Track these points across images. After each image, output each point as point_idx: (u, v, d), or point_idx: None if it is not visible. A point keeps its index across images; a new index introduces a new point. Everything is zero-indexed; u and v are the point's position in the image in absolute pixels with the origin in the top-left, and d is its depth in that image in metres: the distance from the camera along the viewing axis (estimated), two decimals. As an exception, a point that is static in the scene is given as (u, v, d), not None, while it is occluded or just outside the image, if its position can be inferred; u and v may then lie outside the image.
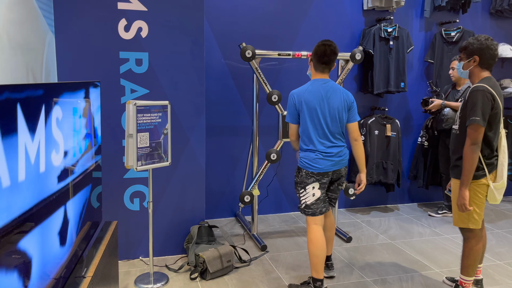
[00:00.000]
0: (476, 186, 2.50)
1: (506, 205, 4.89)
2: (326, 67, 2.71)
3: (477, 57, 2.49)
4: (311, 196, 2.67)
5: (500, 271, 3.17)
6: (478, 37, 2.50)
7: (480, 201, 2.53)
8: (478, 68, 2.52)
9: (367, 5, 4.32)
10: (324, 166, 2.64)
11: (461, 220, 2.57)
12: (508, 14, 4.74)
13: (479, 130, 2.38)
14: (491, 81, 2.46)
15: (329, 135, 2.66)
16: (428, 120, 4.60)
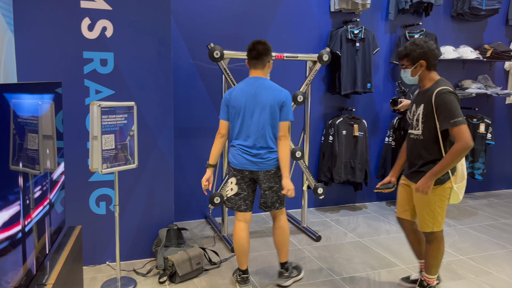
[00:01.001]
0: (442, 191, 2.50)
1: (468, 202, 5.08)
2: (258, 63, 2.71)
3: (424, 62, 2.45)
4: (230, 190, 2.75)
5: (463, 265, 3.29)
6: (416, 41, 2.46)
7: (444, 205, 2.55)
8: (427, 72, 2.49)
9: (334, 7, 4.39)
10: (238, 162, 2.69)
11: (426, 225, 2.56)
12: (468, 17, 4.92)
13: (465, 129, 2.33)
14: (446, 82, 2.47)
15: (252, 134, 2.65)
16: (394, 120, 4.72)
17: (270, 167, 2.70)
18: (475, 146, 4.98)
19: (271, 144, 2.68)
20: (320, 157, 4.65)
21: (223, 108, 2.76)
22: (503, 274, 3.14)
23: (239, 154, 2.69)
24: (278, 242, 2.85)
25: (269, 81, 2.73)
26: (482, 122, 4.97)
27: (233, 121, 2.72)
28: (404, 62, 2.51)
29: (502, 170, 5.61)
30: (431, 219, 2.54)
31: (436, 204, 2.52)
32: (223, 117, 2.77)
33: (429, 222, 2.55)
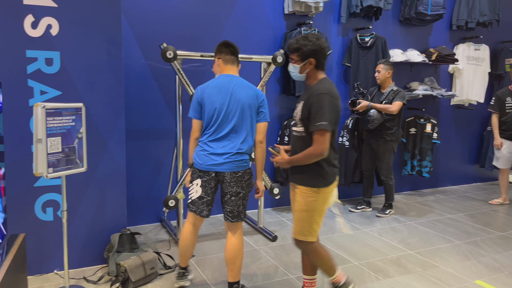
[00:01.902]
0: (323, 195, 2.34)
1: (417, 198, 5.30)
2: (235, 60, 2.66)
3: (313, 60, 2.31)
4: (195, 192, 2.59)
5: (412, 260, 3.42)
6: (308, 37, 2.31)
7: (323, 212, 2.40)
8: (314, 70, 2.35)
9: (288, 9, 4.44)
10: (203, 162, 2.54)
11: (301, 232, 2.39)
12: (415, 21, 5.15)
13: (327, 136, 2.21)
14: (329, 82, 2.33)
15: (223, 132, 2.52)
16: (348, 121, 4.85)
17: (238, 169, 2.55)
18: (422, 145, 5.22)
19: (244, 146, 2.55)
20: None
21: (195, 106, 2.58)
22: (448, 267, 3.30)
23: (205, 155, 2.54)
24: (232, 258, 2.60)
25: (244, 79, 2.63)
26: (428, 122, 5.21)
27: (205, 120, 2.56)
28: (294, 56, 2.34)
29: (447, 167, 5.91)
30: (308, 225, 2.37)
31: (318, 207, 2.35)
32: (195, 116, 2.59)
33: (305, 229, 2.38)
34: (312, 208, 2.35)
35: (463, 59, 5.54)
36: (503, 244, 3.79)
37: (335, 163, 2.39)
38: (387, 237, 3.91)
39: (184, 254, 2.76)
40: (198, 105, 2.58)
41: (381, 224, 4.29)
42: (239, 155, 2.54)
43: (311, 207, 2.35)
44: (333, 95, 2.26)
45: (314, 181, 2.32)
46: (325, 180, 2.33)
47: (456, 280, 3.08)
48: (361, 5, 4.62)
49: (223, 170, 2.53)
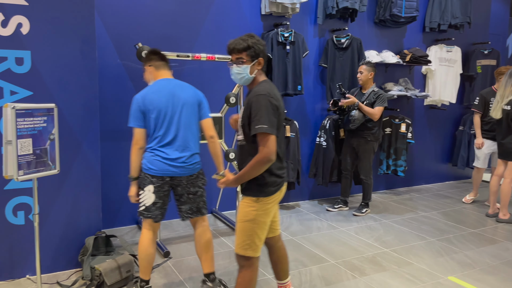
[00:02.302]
0: (264, 206, 2.18)
1: (392, 197, 5.40)
2: (166, 64, 2.70)
3: (262, 60, 2.20)
4: (148, 199, 2.57)
5: (387, 257, 3.48)
6: (254, 36, 2.21)
7: (265, 224, 2.22)
8: (260, 72, 2.23)
9: (264, 10, 4.46)
10: (159, 169, 2.53)
11: (242, 245, 2.21)
12: (389, 23, 5.24)
13: (271, 139, 2.04)
14: (270, 84, 2.20)
15: (178, 136, 2.55)
16: (325, 121, 4.90)
17: (193, 171, 2.63)
18: (397, 145, 5.32)
19: (195, 147, 2.62)
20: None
21: (136, 115, 2.53)
22: (422, 264, 3.37)
23: (158, 160, 2.52)
24: (204, 247, 2.70)
25: (180, 81, 2.68)
26: (403, 122, 5.31)
27: (151, 126, 2.55)
28: (243, 56, 2.17)
29: (422, 166, 6.05)
30: (248, 238, 2.20)
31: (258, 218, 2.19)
32: (139, 124, 2.53)
33: (245, 242, 2.21)
34: (251, 218, 2.17)
35: (436, 60, 5.67)
36: (474, 241, 3.90)
37: (278, 172, 2.19)
38: (363, 236, 3.97)
39: (149, 264, 2.64)
40: (141, 113, 2.54)
41: (358, 222, 4.35)
42: (193, 157, 2.62)
43: (251, 217, 2.17)
44: (273, 96, 2.11)
45: (253, 190, 2.16)
46: (265, 189, 2.16)
47: (429, 276, 3.15)
48: (337, 7, 4.68)
49: (181, 174, 2.58)
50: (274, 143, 2.05)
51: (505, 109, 4.26)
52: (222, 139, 3.74)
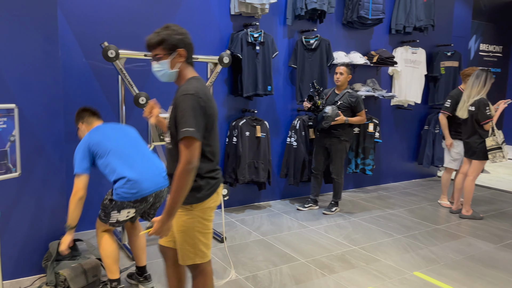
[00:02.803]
0: (200, 212, 2.02)
1: (360, 195, 5.51)
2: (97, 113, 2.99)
3: (182, 50, 1.97)
4: (125, 218, 2.69)
5: (356, 255, 3.55)
6: (169, 26, 1.99)
7: (207, 229, 2.07)
8: (185, 65, 2.01)
9: (234, 10, 4.45)
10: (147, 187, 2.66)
11: (187, 256, 2.08)
12: (357, 25, 5.34)
13: (195, 145, 1.86)
14: (200, 82, 2.00)
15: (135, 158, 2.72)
16: (295, 121, 4.94)
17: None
18: (365, 144, 5.43)
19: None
20: (225, 158, 4.68)
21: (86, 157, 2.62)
22: (389, 260, 3.46)
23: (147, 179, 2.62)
24: (143, 244, 2.91)
25: None
26: (371, 122, 5.43)
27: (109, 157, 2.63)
28: (158, 51, 1.98)
29: (389, 165, 6.19)
30: (192, 248, 2.05)
31: (194, 229, 2.02)
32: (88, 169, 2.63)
33: (189, 253, 2.06)
34: (190, 227, 2.02)
35: (402, 61, 5.83)
36: (438, 237, 4.03)
37: (211, 175, 2.03)
38: (332, 234, 4.03)
39: (114, 262, 2.68)
40: (90, 154, 2.63)
41: (327, 221, 4.41)
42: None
43: (189, 226, 2.02)
44: (202, 96, 1.91)
45: (187, 197, 1.95)
46: (198, 195, 1.99)
47: (396, 272, 3.23)
48: (305, 8, 4.73)
49: (163, 187, 2.73)
50: (197, 149, 1.87)
51: (470, 110, 4.41)
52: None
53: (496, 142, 4.32)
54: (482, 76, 4.38)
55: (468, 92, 4.46)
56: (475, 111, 4.36)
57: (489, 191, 5.88)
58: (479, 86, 4.38)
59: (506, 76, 10.68)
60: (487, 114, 4.29)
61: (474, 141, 4.43)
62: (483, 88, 4.37)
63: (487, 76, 4.37)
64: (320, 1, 4.75)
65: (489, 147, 4.34)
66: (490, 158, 4.36)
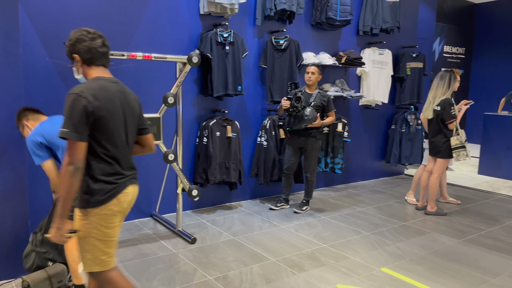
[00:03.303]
0: (98, 218, 1.96)
1: (330, 194, 5.59)
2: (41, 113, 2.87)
3: (77, 56, 2.02)
4: None
5: (325, 253, 3.60)
6: (71, 34, 2.04)
7: (107, 237, 2.00)
8: (86, 67, 2.05)
9: (203, 10, 4.42)
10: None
11: (85, 263, 2.01)
12: (326, 26, 5.42)
13: (75, 146, 1.85)
14: (96, 82, 1.98)
15: None
16: (266, 121, 4.96)
17: None
18: (334, 143, 5.51)
19: None
20: (195, 158, 4.64)
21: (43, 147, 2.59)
22: (357, 257, 3.52)
23: None
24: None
25: None
26: (339, 122, 5.52)
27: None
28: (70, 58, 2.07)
29: (358, 164, 6.32)
30: (91, 256, 1.99)
31: (93, 235, 1.97)
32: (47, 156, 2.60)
33: (87, 259, 2.00)
34: (86, 232, 1.96)
35: (369, 62, 5.95)
36: (405, 233, 4.14)
37: (107, 179, 1.97)
38: (303, 233, 4.07)
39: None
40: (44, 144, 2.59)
41: (298, 220, 4.45)
42: None
43: (85, 231, 1.96)
44: (88, 96, 1.88)
45: (80, 200, 1.96)
46: (91, 199, 1.94)
47: (364, 269, 3.29)
48: (275, 9, 4.76)
49: None
50: (78, 150, 1.85)
51: (436, 110, 4.54)
52: (161, 140, 3.66)
53: (460, 141, 4.48)
54: (446, 77, 4.53)
55: (434, 93, 4.61)
56: (440, 111, 4.50)
57: (453, 188, 6.09)
58: (444, 87, 4.53)
59: (469, 77, 11.11)
60: (452, 114, 4.44)
61: (439, 140, 4.57)
62: (448, 88, 4.52)
63: (451, 77, 4.52)
64: (289, 2, 4.79)
65: (453, 146, 4.49)
66: (454, 157, 4.51)
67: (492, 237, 4.08)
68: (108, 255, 2.02)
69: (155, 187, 4.39)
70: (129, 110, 2.09)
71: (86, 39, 2.00)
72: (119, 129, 2.01)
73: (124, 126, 2.05)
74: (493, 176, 6.80)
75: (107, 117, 1.94)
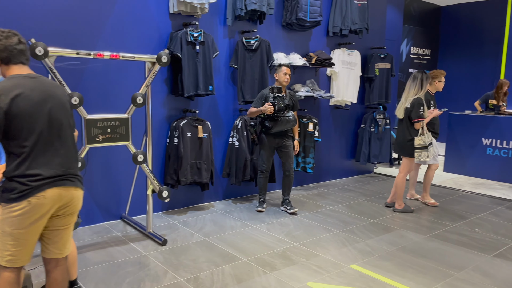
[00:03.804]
0: (10, 216, 1.97)
1: (302, 193, 5.65)
2: None
3: None
4: None
5: (296, 251, 3.63)
6: None
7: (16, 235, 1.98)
8: (6, 67, 2.05)
9: (173, 9, 4.38)
10: None
11: None
12: (296, 27, 5.47)
13: None
14: (11, 80, 1.99)
15: None
16: (237, 121, 4.96)
17: None
18: (305, 143, 5.57)
19: None
20: (166, 159, 4.59)
21: None
22: (328, 255, 3.58)
23: None
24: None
25: None
26: (310, 122, 5.58)
27: None
28: None
29: (328, 163, 6.41)
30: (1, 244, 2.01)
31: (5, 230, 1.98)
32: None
33: None
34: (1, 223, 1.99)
35: (339, 63, 6.05)
36: (374, 230, 4.23)
37: (23, 180, 1.95)
38: (274, 232, 4.09)
39: None
40: None
41: (270, 219, 4.47)
42: None
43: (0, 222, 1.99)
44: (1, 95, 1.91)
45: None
46: (4, 195, 1.98)
47: (334, 266, 3.35)
48: (245, 9, 4.76)
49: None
50: None
51: (406, 108, 4.60)
52: (129, 141, 3.60)
53: (424, 142, 4.55)
54: (418, 78, 4.59)
55: (407, 94, 4.66)
56: (409, 109, 4.58)
57: (419, 186, 6.27)
58: (416, 88, 4.59)
59: (435, 78, 11.44)
60: (420, 113, 4.52)
61: (405, 137, 4.67)
62: (420, 89, 4.58)
63: (423, 77, 4.58)
64: (260, 2, 4.80)
65: (416, 146, 4.58)
66: (415, 156, 4.58)
67: (457, 233, 4.22)
68: (13, 254, 1.99)
69: (124, 189, 4.31)
70: (56, 104, 2.07)
71: (1, 37, 2.00)
72: (38, 127, 1.99)
73: (48, 122, 2.03)
74: (457, 173, 7.04)
75: (21, 115, 1.93)
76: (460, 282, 3.14)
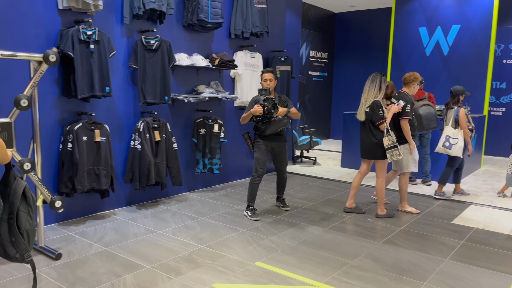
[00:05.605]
0: None
1: (209, 194, 5.63)
2: None
3: None
4: None
5: (202, 254, 3.61)
6: None
7: None
8: None
9: (62, 5, 4.07)
10: None
11: None
12: (197, 28, 5.43)
13: None
14: None
15: None
16: (139, 124, 4.77)
17: None
18: (211, 144, 5.57)
19: None
20: (59, 166, 4.25)
21: None
22: (234, 254, 3.61)
23: None
24: None
25: None
26: (216, 123, 5.59)
27: None
28: None
29: (235, 163, 6.48)
30: None
31: None
32: None
33: None
34: None
35: (242, 65, 6.16)
36: (278, 227, 4.38)
37: None
38: (180, 236, 4.02)
39: None
40: None
41: (176, 223, 4.39)
42: None
43: None
44: None
45: None
46: None
47: (239, 265, 3.39)
48: (143, 8, 4.61)
49: None
50: None
51: (366, 112, 4.63)
52: (13, 148, 3.26)
53: (392, 141, 4.54)
54: (377, 80, 4.62)
55: (365, 96, 4.66)
56: (369, 113, 4.60)
57: (320, 181, 6.65)
58: (374, 90, 4.60)
59: (331, 80, 12.26)
60: (381, 115, 4.54)
61: (371, 141, 4.63)
62: (378, 91, 4.61)
63: (381, 79, 4.62)
64: (159, 2, 4.68)
65: (386, 146, 4.56)
66: (388, 157, 4.57)
67: (352, 223, 4.55)
68: None
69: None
70: None
71: None
72: None
73: None
74: (353, 168, 7.59)
75: None
76: (354, 269, 3.39)
